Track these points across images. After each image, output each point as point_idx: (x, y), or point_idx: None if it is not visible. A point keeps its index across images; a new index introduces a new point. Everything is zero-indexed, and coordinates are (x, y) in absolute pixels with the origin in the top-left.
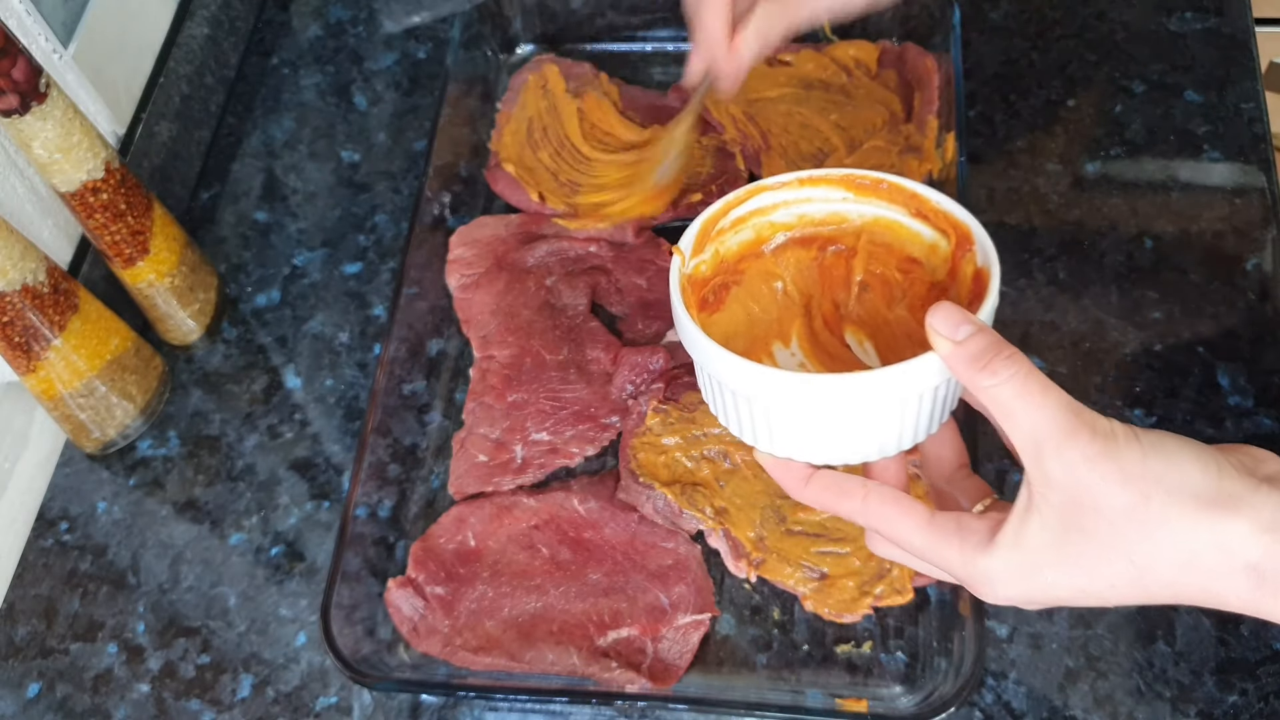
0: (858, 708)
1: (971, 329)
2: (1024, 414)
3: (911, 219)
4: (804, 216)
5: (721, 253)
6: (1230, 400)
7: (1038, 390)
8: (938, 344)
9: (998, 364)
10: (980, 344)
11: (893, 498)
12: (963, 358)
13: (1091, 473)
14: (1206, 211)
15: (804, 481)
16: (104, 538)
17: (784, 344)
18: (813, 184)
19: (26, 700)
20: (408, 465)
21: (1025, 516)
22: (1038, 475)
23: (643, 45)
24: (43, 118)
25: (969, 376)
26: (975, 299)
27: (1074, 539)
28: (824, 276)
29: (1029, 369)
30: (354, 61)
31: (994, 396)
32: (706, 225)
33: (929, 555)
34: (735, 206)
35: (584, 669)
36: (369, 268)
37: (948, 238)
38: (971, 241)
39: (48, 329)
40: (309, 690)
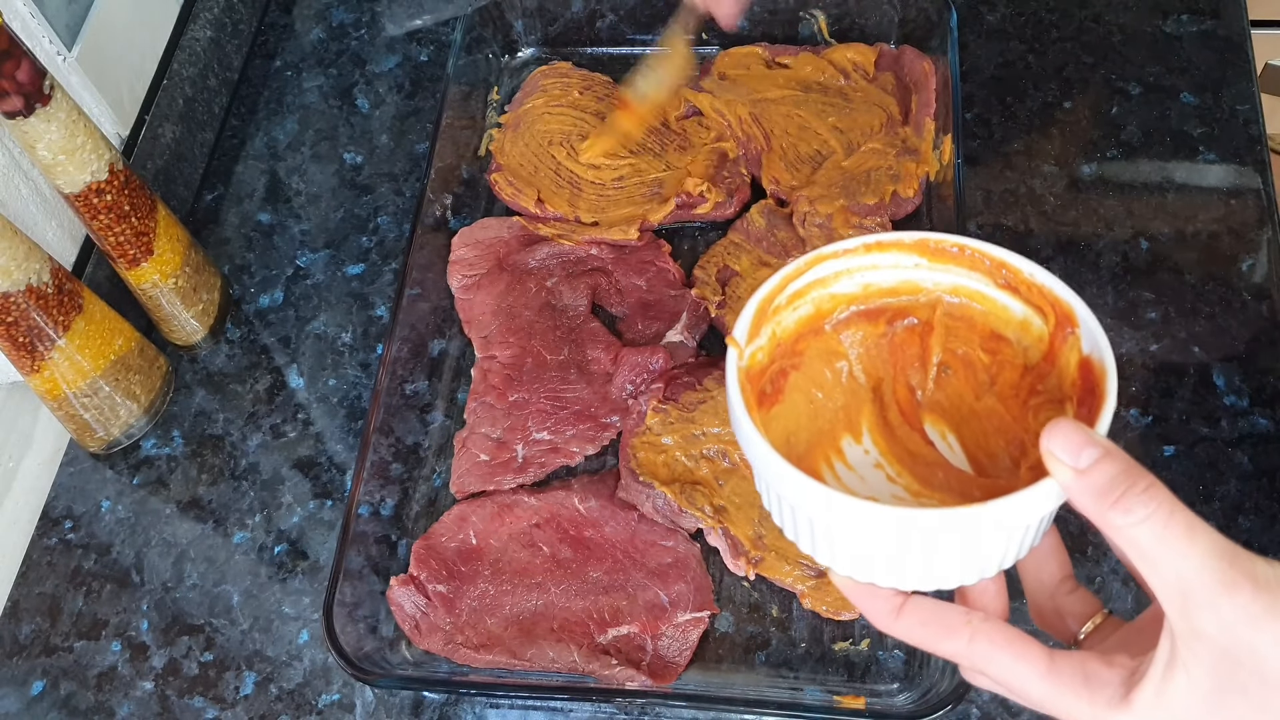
0: (855, 705)
1: (1098, 452)
2: (1168, 561)
3: (998, 290)
4: (870, 286)
5: (779, 334)
6: (1226, 400)
7: (1183, 532)
8: (1058, 472)
9: (1132, 500)
10: (1110, 473)
11: (1005, 639)
12: (1089, 490)
13: (1258, 634)
14: (1202, 213)
15: (895, 613)
16: (108, 536)
17: (855, 438)
18: (881, 249)
19: (31, 698)
20: (410, 464)
21: (1169, 673)
22: (1185, 629)
23: (643, 49)
24: (47, 120)
25: (1097, 513)
26: (1086, 396)
27: (1232, 703)
28: (896, 356)
29: (1171, 504)
30: (356, 64)
31: (1129, 537)
32: (763, 305)
33: (1050, 708)
34: (793, 279)
35: (584, 666)
36: (371, 269)
37: (1044, 316)
38: (1075, 323)
39: (52, 329)
40: (312, 687)
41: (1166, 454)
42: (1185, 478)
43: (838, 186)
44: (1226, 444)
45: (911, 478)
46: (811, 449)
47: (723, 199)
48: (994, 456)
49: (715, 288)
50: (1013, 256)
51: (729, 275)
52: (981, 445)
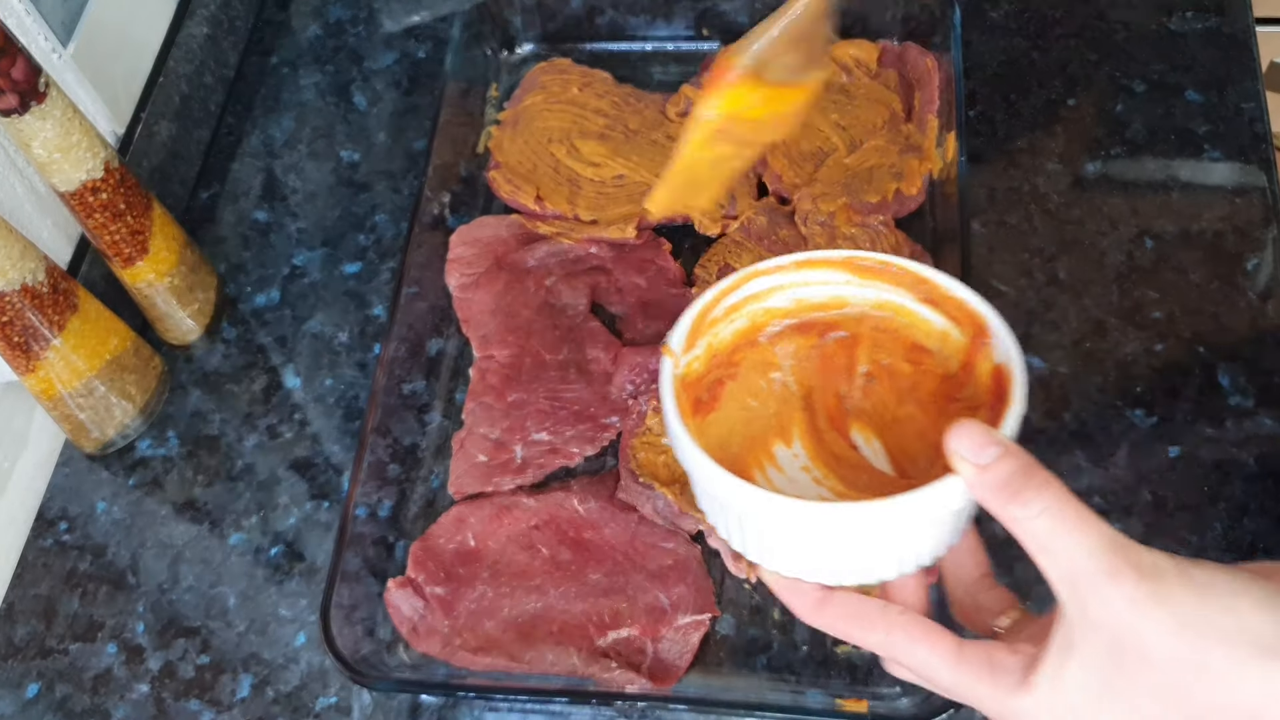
0: (858, 708)
1: (998, 450)
2: (1061, 551)
3: (920, 304)
4: (802, 301)
5: (715, 345)
6: (1231, 400)
7: (1075, 523)
8: (961, 469)
9: (1029, 494)
10: (1009, 470)
11: (920, 630)
12: (990, 485)
13: (1140, 619)
14: (1207, 211)
15: (817, 606)
16: (103, 538)
17: (785, 443)
18: (811, 266)
19: (26, 700)
20: (407, 465)
21: (1063, 658)
22: (1078, 616)
23: (643, 45)
24: (42, 117)
25: (997, 506)
26: (997, 402)
27: (1118, 685)
28: (825, 366)
29: (1064, 497)
30: (354, 61)
31: (1028, 530)
32: (699, 318)
33: (957, 693)
34: (729, 294)
35: (584, 669)
36: (369, 267)
37: (961, 327)
38: (987, 334)
39: (47, 329)
40: (309, 690)
41: (1171, 454)
42: (1190, 479)
43: (840, 184)
44: (1232, 445)
45: (837, 480)
46: (745, 453)
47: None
48: (914, 460)
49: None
50: (933, 272)
51: (730, 274)
52: (903, 449)
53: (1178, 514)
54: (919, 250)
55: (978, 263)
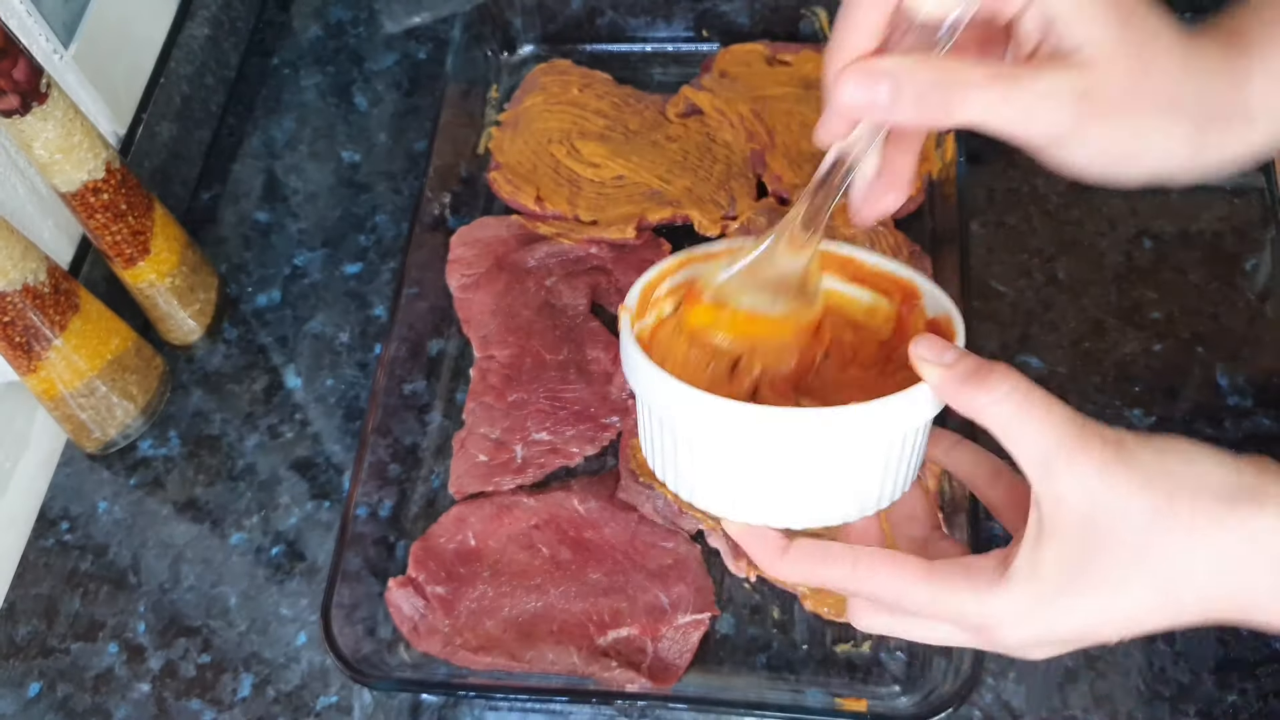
0: (857, 707)
1: (957, 352)
2: (1028, 429)
3: (847, 284)
4: None
5: (661, 317)
6: (1229, 400)
7: (1040, 403)
8: (927, 371)
9: (993, 380)
10: (971, 364)
11: (885, 556)
12: (956, 379)
13: (1109, 481)
14: (1206, 211)
15: (781, 551)
16: (105, 537)
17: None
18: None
19: (27, 700)
20: (408, 465)
21: (1038, 542)
22: (1048, 494)
23: (643, 45)
24: (43, 118)
25: (966, 397)
26: None
27: (1095, 557)
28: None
29: (1027, 383)
30: (354, 62)
31: (994, 415)
32: (645, 291)
33: (935, 607)
34: (669, 275)
35: (584, 668)
36: (369, 268)
37: (890, 297)
38: (918, 295)
39: (48, 329)
40: (309, 690)
41: None
42: None
43: None
44: (1230, 445)
45: None
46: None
47: (727, 207)
48: None
49: None
50: (855, 250)
51: None
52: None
53: None
54: (918, 250)
55: (977, 263)
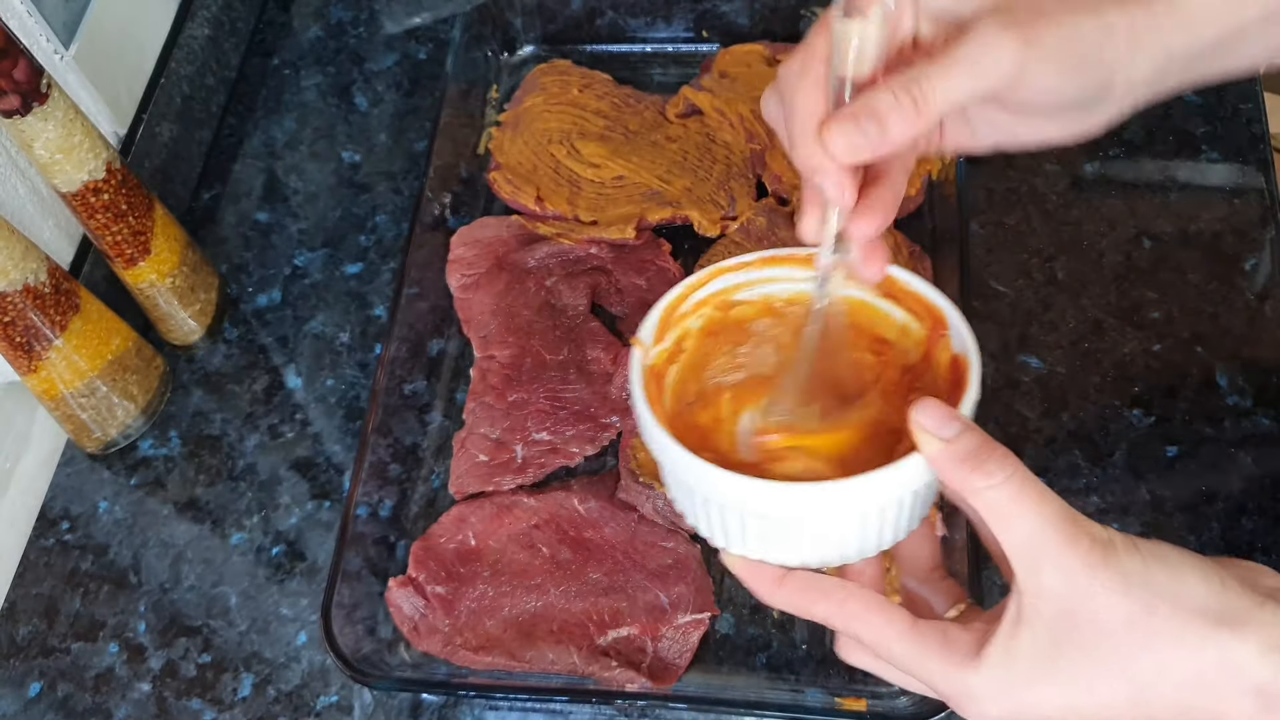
0: (857, 707)
1: (960, 427)
2: (1020, 519)
3: (881, 299)
4: (769, 297)
5: (683, 338)
6: (1229, 400)
7: (1034, 494)
8: (925, 443)
9: (991, 465)
10: (971, 443)
11: (874, 603)
12: (953, 458)
13: (1092, 581)
14: (1205, 212)
15: (776, 584)
16: (105, 537)
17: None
18: (776, 263)
19: (28, 700)
20: (408, 465)
21: (1015, 629)
22: (1031, 584)
23: (643, 46)
24: (44, 118)
25: (960, 478)
26: (954, 389)
27: (1069, 653)
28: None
29: (1024, 471)
30: (355, 62)
31: (987, 500)
32: (667, 311)
33: (909, 665)
34: (696, 289)
35: (584, 668)
36: (370, 268)
37: (920, 320)
38: (945, 326)
39: (49, 329)
40: (310, 689)
41: (1169, 454)
42: (1188, 478)
43: None
44: (1230, 444)
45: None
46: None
47: (727, 208)
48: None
49: None
50: (893, 269)
51: None
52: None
53: (1176, 513)
54: (918, 251)
55: (976, 263)
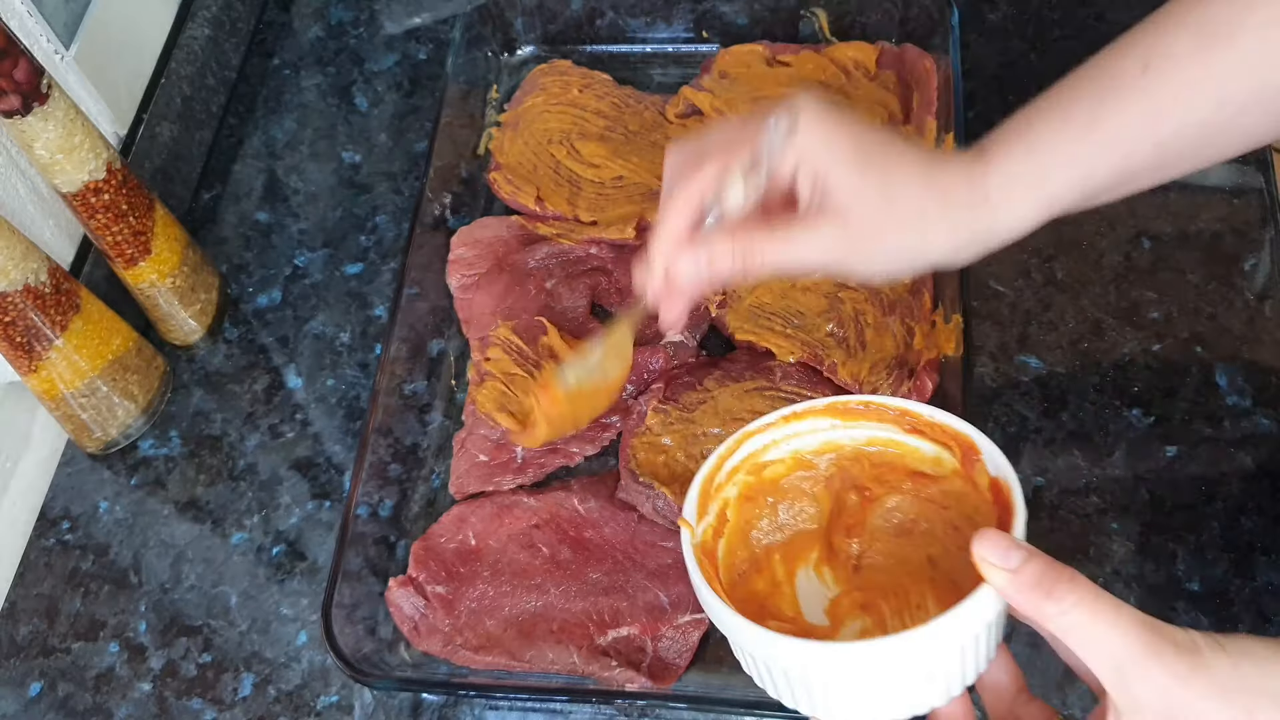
0: None
1: (1023, 555)
2: (1100, 640)
3: (907, 435)
4: (798, 451)
5: (724, 507)
6: (1228, 400)
7: (1109, 612)
8: (992, 575)
9: (1061, 590)
10: (1037, 570)
11: None
12: (1021, 587)
13: (1187, 691)
14: (1205, 211)
15: None
16: (105, 537)
17: (805, 564)
18: (798, 418)
19: (29, 699)
20: (408, 465)
21: None
22: (1125, 700)
23: (642, 46)
24: (44, 118)
25: (1032, 605)
26: (1003, 512)
27: None
28: (834, 501)
29: (1095, 590)
30: (355, 62)
31: (1062, 625)
32: (705, 485)
33: None
34: (727, 458)
35: (584, 668)
36: (370, 268)
37: (950, 450)
38: (977, 451)
39: (49, 329)
40: (310, 689)
41: (1169, 454)
42: (1188, 478)
43: None
44: (1229, 444)
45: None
46: (767, 588)
47: None
48: (924, 567)
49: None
50: (912, 404)
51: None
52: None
53: (1175, 513)
54: None
55: (975, 264)
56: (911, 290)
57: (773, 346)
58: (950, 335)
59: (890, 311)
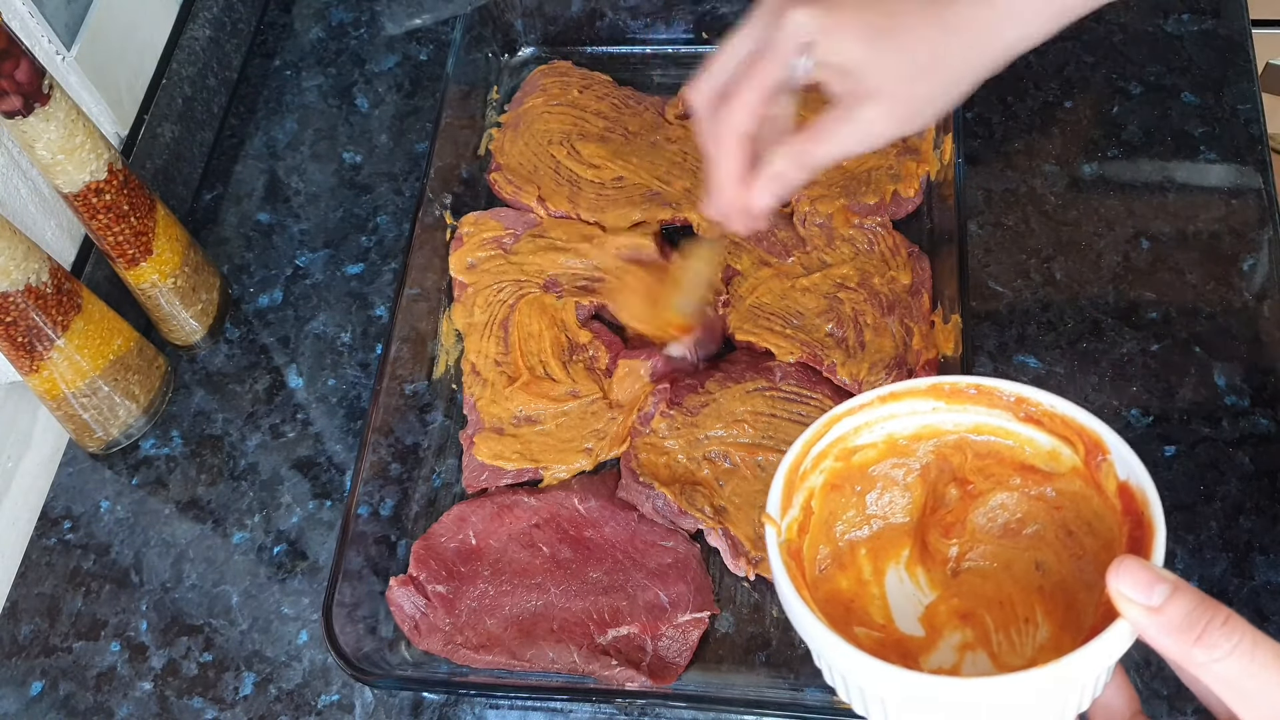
0: None
1: (1168, 588)
2: (1261, 693)
3: (1021, 424)
4: (893, 435)
5: (809, 498)
6: (1227, 400)
7: (1272, 662)
8: (1131, 612)
9: (1215, 635)
10: (1185, 609)
11: None
12: (1167, 629)
13: None
14: (1203, 212)
15: None
16: (107, 536)
17: (896, 563)
18: (896, 399)
19: (30, 699)
20: (409, 464)
21: None
22: None
23: (643, 47)
24: (46, 119)
25: (1180, 652)
26: (1135, 526)
27: None
28: (929, 494)
29: (1254, 635)
30: (356, 63)
31: (1216, 673)
32: (790, 475)
33: None
34: (814, 443)
35: (584, 667)
36: (371, 268)
37: (1072, 445)
38: (1104, 450)
39: (51, 329)
40: (311, 688)
41: (1167, 454)
42: (1186, 478)
43: (838, 186)
44: (1228, 444)
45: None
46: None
47: None
48: (1028, 576)
49: (720, 288)
50: (1031, 390)
51: (730, 274)
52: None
53: (1174, 513)
54: (916, 251)
55: (975, 264)
56: (911, 290)
57: (772, 347)
58: (949, 335)
59: (889, 312)
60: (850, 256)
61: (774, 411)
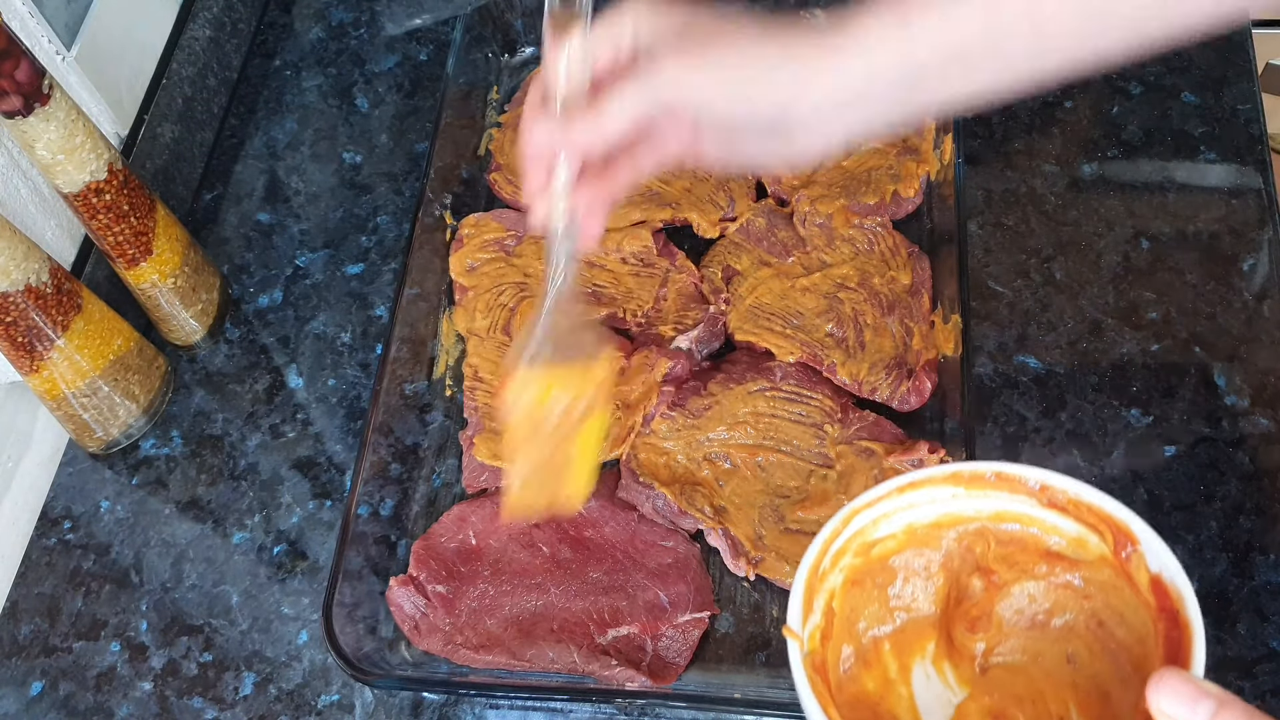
0: None
1: (1213, 705)
2: None
3: (1045, 510)
4: (912, 525)
5: (830, 600)
6: (1227, 400)
7: None
8: None
9: None
10: None
11: None
12: None
13: None
14: (1203, 212)
15: None
16: (107, 536)
17: (922, 657)
18: (914, 488)
19: (30, 699)
20: (409, 464)
21: None
22: None
23: None
24: (46, 119)
25: None
26: (1171, 628)
27: None
28: (952, 585)
29: None
30: (356, 63)
31: None
32: (809, 578)
33: None
34: (833, 540)
35: (584, 667)
36: (371, 268)
37: (1099, 534)
38: (1133, 539)
39: (51, 329)
40: (311, 688)
41: (1168, 454)
42: (1186, 478)
43: (838, 186)
44: (1227, 444)
45: (984, 695)
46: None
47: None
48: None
49: (720, 287)
50: (1055, 477)
51: (731, 274)
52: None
53: (1174, 513)
54: (916, 251)
55: (974, 264)
56: (911, 290)
57: (772, 346)
58: (949, 335)
59: (889, 312)
60: (850, 256)
61: (774, 412)
